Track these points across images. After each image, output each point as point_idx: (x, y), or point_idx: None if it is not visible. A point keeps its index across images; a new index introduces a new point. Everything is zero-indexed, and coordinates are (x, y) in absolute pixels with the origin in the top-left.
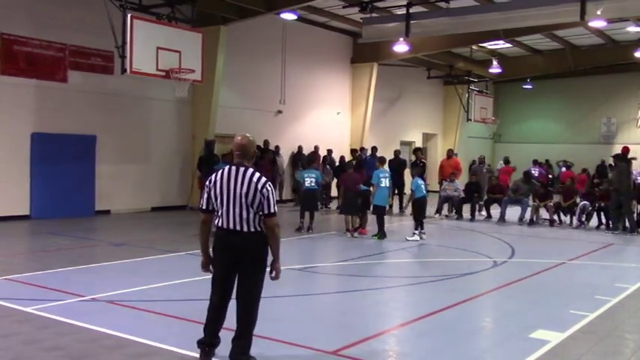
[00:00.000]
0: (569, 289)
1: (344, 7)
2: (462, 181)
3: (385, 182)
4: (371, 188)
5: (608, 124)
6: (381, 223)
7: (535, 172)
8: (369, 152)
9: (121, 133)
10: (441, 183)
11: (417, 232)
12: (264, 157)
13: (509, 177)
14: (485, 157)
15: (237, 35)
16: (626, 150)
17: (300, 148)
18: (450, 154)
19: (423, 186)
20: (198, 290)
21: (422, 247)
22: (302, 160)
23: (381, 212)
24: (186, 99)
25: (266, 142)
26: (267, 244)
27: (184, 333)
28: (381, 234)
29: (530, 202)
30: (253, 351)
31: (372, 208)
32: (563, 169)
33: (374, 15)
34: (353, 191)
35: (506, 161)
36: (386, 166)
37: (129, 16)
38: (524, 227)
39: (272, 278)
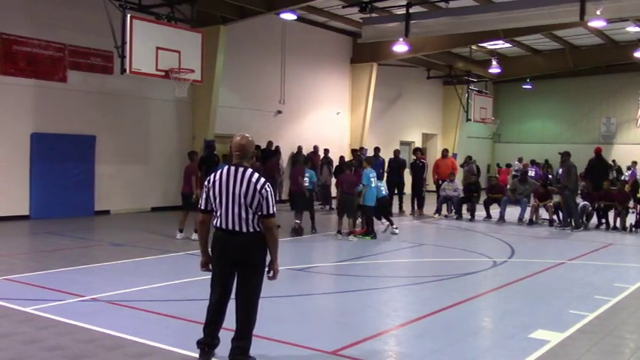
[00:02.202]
0: (569, 289)
1: (343, 7)
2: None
3: (375, 182)
4: (361, 187)
5: (608, 124)
6: (371, 223)
7: (531, 171)
8: (368, 152)
9: (121, 133)
10: (436, 182)
11: (393, 225)
12: (271, 158)
13: (507, 177)
14: (471, 157)
15: (236, 35)
16: (599, 150)
17: (299, 148)
18: (445, 153)
19: (382, 187)
20: (198, 290)
21: (422, 248)
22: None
23: (371, 212)
24: (185, 99)
25: (270, 144)
26: (265, 244)
27: (184, 333)
28: (373, 234)
29: (531, 202)
30: (253, 351)
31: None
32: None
33: (373, 15)
34: (349, 193)
35: (508, 165)
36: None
37: (128, 16)
38: (523, 227)
39: (270, 278)
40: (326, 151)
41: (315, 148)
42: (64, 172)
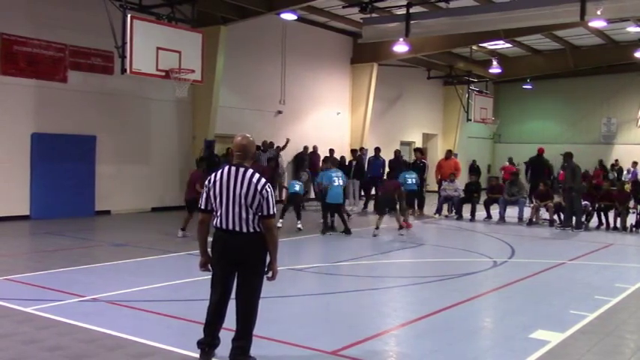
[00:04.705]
0: (569, 290)
1: (344, 7)
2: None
3: (338, 181)
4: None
5: (608, 124)
6: (325, 217)
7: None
8: (369, 153)
9: (121, 134)
10: (439, 183)
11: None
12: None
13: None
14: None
15: (237, 35)
16: (541, 150)
17: (305, 148)
18: (449, 154)
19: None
20: (198, 290)
21: (422, 248)
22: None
23: (335, 210)
24: (186, 99)
25: (271, 144)
26: (265, 244)
27: (184, 333)
28: (326, 229)
29: (532, 202)
30: (253, 351)
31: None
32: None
33: (374, 15)
34: (389, 192)
35: (510, 161)
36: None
37: (129, 16)
38: (523, 227)
39: (269, 279)
40: (331, 151)
41: (315, 148)
42: (65, 172)
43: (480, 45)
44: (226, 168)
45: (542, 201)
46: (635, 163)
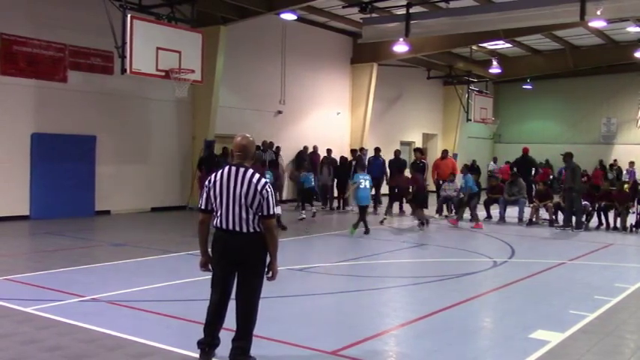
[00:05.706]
0: (569, 289)
1: (344, 8)
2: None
3: (365, 183)
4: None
5: (608, 125)
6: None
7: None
8: (369, 153)
9: (121, 134)
10: (436, 183)
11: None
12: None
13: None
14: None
15: (237, 35)
16: (526, 150)
17: (305, 148)
18: (445, 154)
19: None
20: (198, 290)
21: (422, 248)
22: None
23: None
24: (186, 99)
25: (271, 144)
26: (265, 244)
27: (184, 333)
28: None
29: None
30: (253, 351)
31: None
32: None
33: (374, 15)
34: (423, 189)
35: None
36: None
37: (129, 16)
38: (523, 227)
39: (269, 279)
40: (329, 151)
41: (315, 148)
42: (65, 172)
43: (480, 45)
44: (226, 168)
45: (542, 201)
46: (632, 163)
